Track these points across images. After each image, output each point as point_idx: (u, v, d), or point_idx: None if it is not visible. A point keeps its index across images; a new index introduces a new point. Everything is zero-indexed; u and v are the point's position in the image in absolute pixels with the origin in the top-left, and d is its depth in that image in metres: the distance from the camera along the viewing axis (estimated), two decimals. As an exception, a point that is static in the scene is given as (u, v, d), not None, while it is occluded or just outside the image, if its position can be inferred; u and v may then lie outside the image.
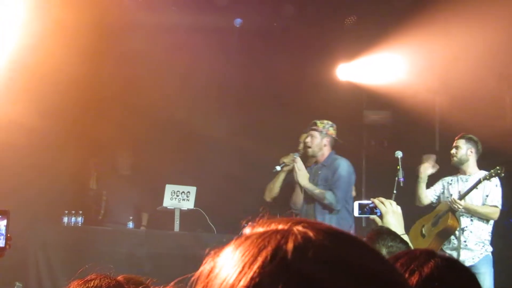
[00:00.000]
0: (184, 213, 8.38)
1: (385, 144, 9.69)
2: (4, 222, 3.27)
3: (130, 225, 8.64)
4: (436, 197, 7.56)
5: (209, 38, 8.80)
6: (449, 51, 8.33)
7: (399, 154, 7.27)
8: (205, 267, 0.89)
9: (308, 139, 7.23)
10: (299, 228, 0.86)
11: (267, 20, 9.38)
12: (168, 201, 8.37)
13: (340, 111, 9.17)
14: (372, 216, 3.67)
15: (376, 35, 8.81)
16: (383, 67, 9.04)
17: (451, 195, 7.28)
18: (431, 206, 7.60)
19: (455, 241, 7.13)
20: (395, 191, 7.05)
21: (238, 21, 9.23)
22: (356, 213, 3.80)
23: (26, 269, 7.90)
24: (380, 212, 3.60)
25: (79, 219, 8.31)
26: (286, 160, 7.63)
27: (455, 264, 1.87)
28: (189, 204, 8.37)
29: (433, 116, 9.30)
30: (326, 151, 7.29)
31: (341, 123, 9.20)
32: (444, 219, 7.14)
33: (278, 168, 7.53)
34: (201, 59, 8.88)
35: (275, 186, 7.74)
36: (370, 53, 9.00)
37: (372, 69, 9.15)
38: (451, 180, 7.48)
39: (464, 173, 7.39)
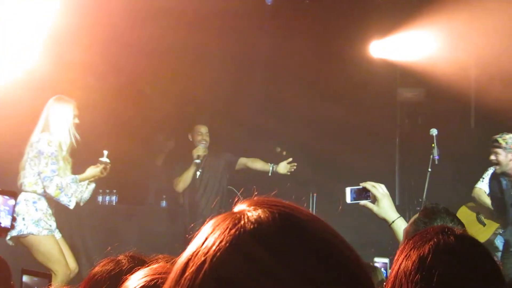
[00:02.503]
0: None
1: (419, 121, 9.59)
2: (13, 202, 3.28)
3: (163, 204, 8.70)
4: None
5: (240, 15, 8.74)
6: (484, 26, 8.16)
7: (434, 131, 7.17)
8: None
9: (493, 157, 7.10)
10: (249, 212, 0.92)
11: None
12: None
13: (373, 89, 9.09)
14: (362, 202, 3.56)
15: (410, 10, 8.67)
16: (417, 44, 8.91)
17: None
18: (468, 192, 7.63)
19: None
20: (430, 169, 6.98)
21: (269, -2, 9.16)
22: (348, 199, 3.64)
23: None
24: (371, 197, 3.51)
25: (114, 198, 8.39)
26: (199, 152, 7.75)
27: (466, 240, 1.83)
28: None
29: (468, 93, 9.17)
30: None
31: (374, 100, 9.14)
32: None
33: (197, 161, 7.73)
34: (232, 38, 8.82)
35: (188, 178, 7.81)
36: (404, 30, 8.87)
37: (406, 46, 9.02)
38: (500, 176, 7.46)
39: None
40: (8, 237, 6.11)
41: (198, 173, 7.89)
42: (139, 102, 8.46)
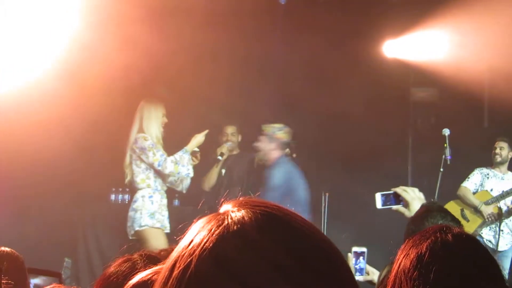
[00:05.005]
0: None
1: (432, 121, 9.56)
2: None
3: (176, 202, 8.72)
4: (476, 189, 8.09)
5: (254, 14, 8.74)
6: (497, 26, 8.14)
7: (446, 131, 7.21)
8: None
9: (257, 144, 7.41)
10: (233, 213, 0.95)
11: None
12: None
13: (386, 89, 9.08)
14: (395, 207, 3.53)
15: (423, 10, 8.65)
16: (431, 44, 8.88)
17: (491, 189, 7.97)
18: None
19: (496, 229, 7.86)
20: (442, 169, 6.99)
21: (283, -2, 9.17)
22: (379, 205, 3.59)
23: (75, 246, 8.06)
24: (403, 201, 3.48)
25: (126, 196, 8.42)
26: (223, 150, 7.88)
27: (463, 237, 1.85)
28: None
29: (482, 93, 9.14)
30: (274, 155, 7.33)
31: (387, 100, 9.12)
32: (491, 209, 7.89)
33: (220, 158, 7.84)
34: (245, 37, 8.83)
35: (213, 177, 7.98)
36: (418, 29, 8.85)
37: (419, 46, 9.00)
38: (488, 174, 8.09)
39: (499, 171, 8.08)
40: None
41: (223, 171, 8.03)
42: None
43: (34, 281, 3.28)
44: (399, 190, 3.50)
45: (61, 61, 7.06)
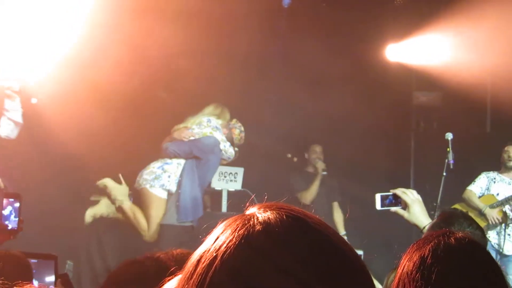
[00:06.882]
0: (231, 194, 8.41)
1: (434, 125, 9.56)
2: (18, 204, 3.28)
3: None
4: (481, 193, 8.04)
5: (257, 17, 8.74)
6: (501, 30, 8.13)
7: (449, 136, 7.19)
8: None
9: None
10: (259, 214, 0.98)
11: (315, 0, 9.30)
12: (216, 182, 8.40)
13: (389, 92, 9.08)
14: (393, 209, 3.53)
15: (426, 14, 8.65)
16: (433, 48, 8.88)
17: (497, 194, 7.91)
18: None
19: (502, 232, 7.79)
20: (445, 174, 6.98)
21: (286, 1, 9.16)
22: (378, 206, 3.61)
23: (77, 248, 8.05)
24: (401, 204, 3.47)
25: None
26: (324, 166, 8.56)
27: (466, 241, 1.88)
28: (236, 185, 8.39)
29: (484, 97, 9.13)
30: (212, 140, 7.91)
31: (390, 104, 9.12)
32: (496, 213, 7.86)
33: (325, 173, 8.52)
34: (248, 40, 8.82)
35: (314, 191, 8.49)
36: (420, 33, 8.85)
37: (422, 50, 9.00)
38: (494, 178, 8.04)
39: (507, 175, 8.02)
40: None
41: None
42: (155, 106, 8.49)
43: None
44: (399, 192, 3.51)
45: (60, 66, 7.07)
